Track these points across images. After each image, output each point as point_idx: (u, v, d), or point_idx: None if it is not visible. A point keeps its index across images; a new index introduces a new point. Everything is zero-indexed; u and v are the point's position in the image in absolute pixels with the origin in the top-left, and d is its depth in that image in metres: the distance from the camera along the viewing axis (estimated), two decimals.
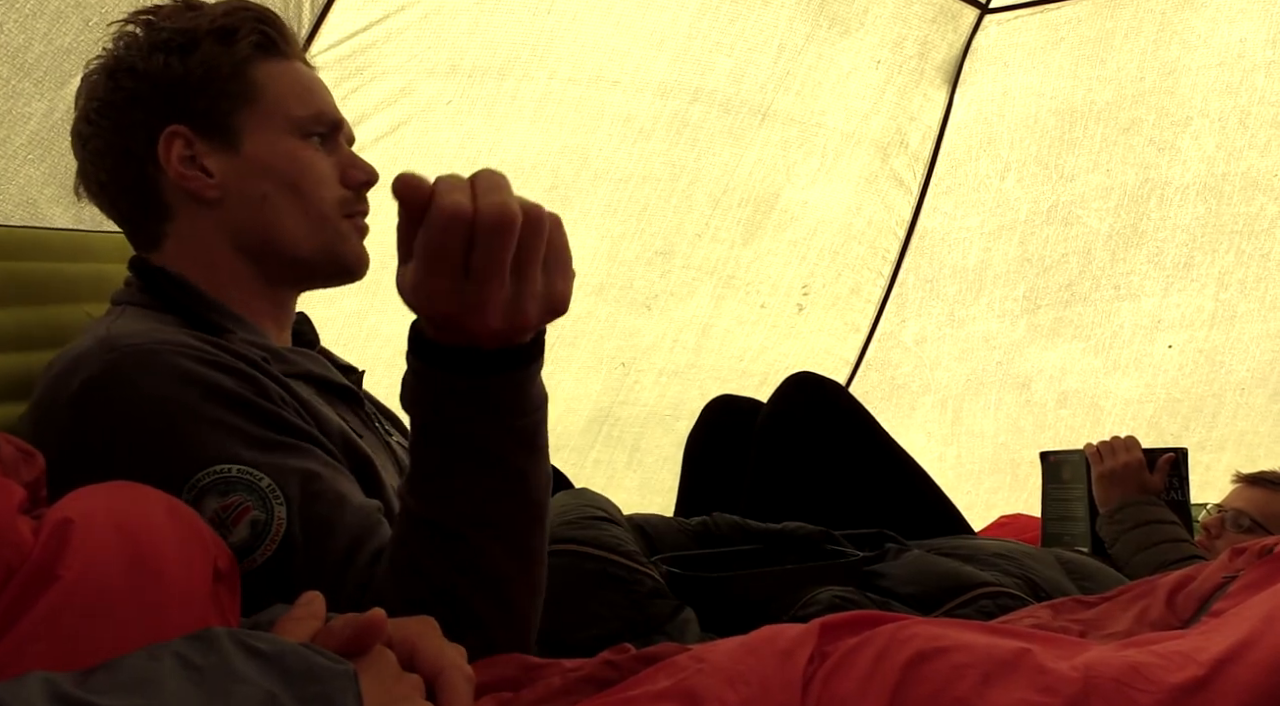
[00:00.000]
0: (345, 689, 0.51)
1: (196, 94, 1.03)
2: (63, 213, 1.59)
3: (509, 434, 0.82)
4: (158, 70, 1.03)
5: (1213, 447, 2.82)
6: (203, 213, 1.05)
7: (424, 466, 0.84)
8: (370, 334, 2.26)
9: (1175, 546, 1.72)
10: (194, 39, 1.04)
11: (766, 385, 2.76)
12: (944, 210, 2.99)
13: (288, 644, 0.52)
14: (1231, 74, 2.63)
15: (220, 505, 0.85)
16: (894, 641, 0.62)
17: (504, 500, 0.83)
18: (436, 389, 0.81)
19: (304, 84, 1.09)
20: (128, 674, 0.46)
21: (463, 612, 0.82)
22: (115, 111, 1.04)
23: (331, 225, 1.07)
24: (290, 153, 1.06)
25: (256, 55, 1.06)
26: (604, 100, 2.43)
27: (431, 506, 0.83)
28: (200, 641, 0.50)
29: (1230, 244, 2.73)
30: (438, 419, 0.82)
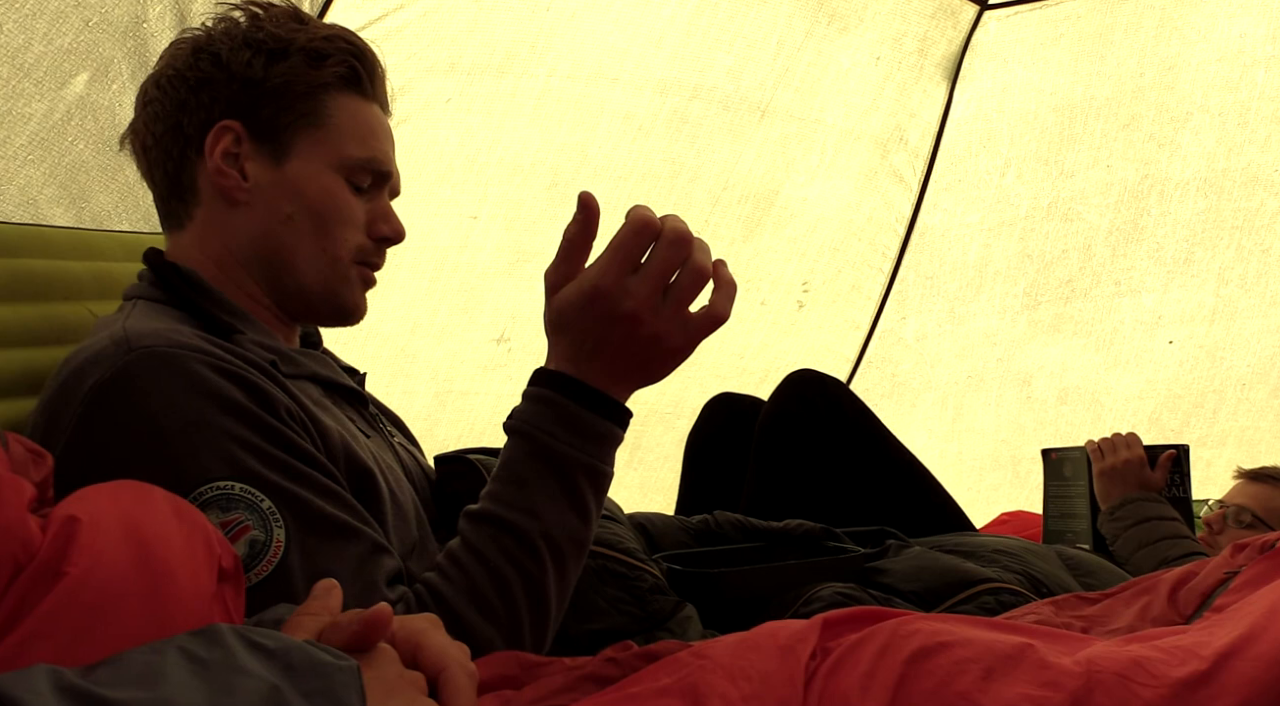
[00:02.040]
0: (348, 684, 0.51)
1: (265, 100, 1.04)
2: (63, 213, 1.59)
3: (592, 472, 0.95)
4: (239, 65, 1.04)
5: (1213, 443, 2.82)
6: (226, 211, 1.06)
7: (511, 476, 0.95)
8: (370, 333, 2.26)
9: (1176, 543, 1.72)
10: (285, 49, 1.05)
11: (767, 382, 2.76)
12: (944, 206, 2.99)
13: (291, 640, 0.52)
14: (1231, 69, 2.63)
15: (221, 521, 0.85)
16: (896, 637, 0.62)
17: (569, 528, 0.95)
18: (552, 410, 0.94)
19: (370, 127, 1.10)
20: (132, 667, 0.46)
21: (509, 610, 0.92)
22: (185, 86, 1.05)
23: (341, 266, 1.08)
24: (328, 187, 1.06)
25: (337, 85, 1.07)
26: (603, 97, 2.43)
27: (513, 512, 0.93)
28: (204, 636, 0.50)
29: (1230, 239, 2.73)
30: (540, 440, 0.94)
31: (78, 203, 1.61)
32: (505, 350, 2.56)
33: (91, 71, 1.56)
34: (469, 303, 2.47)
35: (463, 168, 2.32)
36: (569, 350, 0.95)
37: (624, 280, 0.91)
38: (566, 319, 0.94)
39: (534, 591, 0.93)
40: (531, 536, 0.92)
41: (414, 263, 2.33)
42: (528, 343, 2.59)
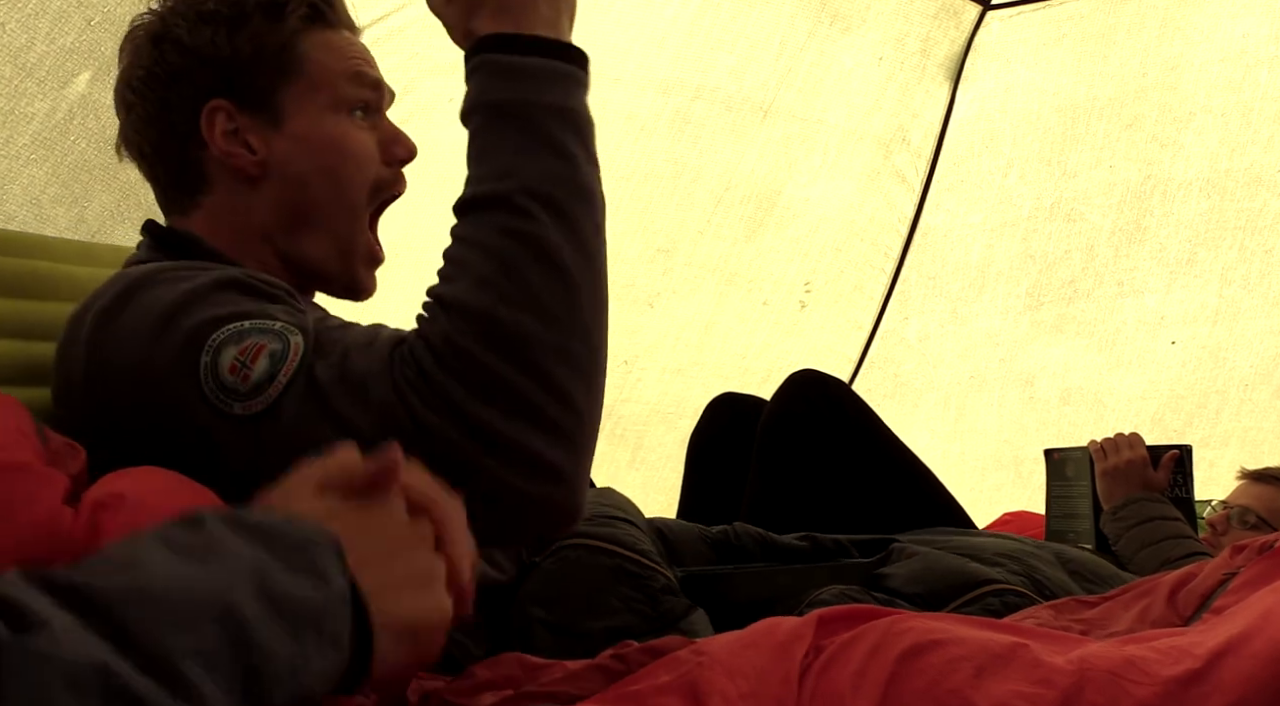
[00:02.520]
0: (329, 559, 0.51)
1: (241, 71, 1.02)
2: (65, 212, 1.59)
3: (555, 110, 0.85)
4: (204, 45, 1.01)
5: (1216, 444, 2.81)
6: (241, 190, 1.04)
7: (478, 152, 0.87)
8: None
9: (1178, 543, 1.72)
10: (242, 12, 1.02)
11: (769, 382, 2.76)
12: (946, 207, 2.99)
13: (274, 517, 0.52)
14: (1234, 69, 2.62)
15: (238, 350, 0.83)
16: (889, 634, 0.62)
17: (553, 175, 0.84)
18: (488, 71, 0.87)
19: (346, 51, 1.07)
20: (110, 556, 0.47)
21: (517, 279, 0.80)
22: (160, 84, 1.03)
23: (361, 237, 1.07)
24: (331, 133, 1.04)
25: (304, 28, 1.04)
26: (605, 98, 2.43)
27: (483, 183, 0.85)
28: (186, 523, 0.50)
29: (1233, 239, 2.73)
30: (488, 100, 0.86)
31: (80, 202, 1.61)
32: None
33: (94, 71, 1.57)
34: None
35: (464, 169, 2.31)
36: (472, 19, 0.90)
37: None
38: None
39: (538, 251, 0.81)
40: (511, 197, 0.83)
41: (416, 263, 2.32)
42: None
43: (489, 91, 0.87)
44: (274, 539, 0.50)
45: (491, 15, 0.88)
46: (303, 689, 0.48)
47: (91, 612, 0.42)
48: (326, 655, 0.49)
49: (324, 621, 0.49)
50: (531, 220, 0.82)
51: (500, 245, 0.81)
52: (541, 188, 0.83)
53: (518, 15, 0.88)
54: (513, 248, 0.81)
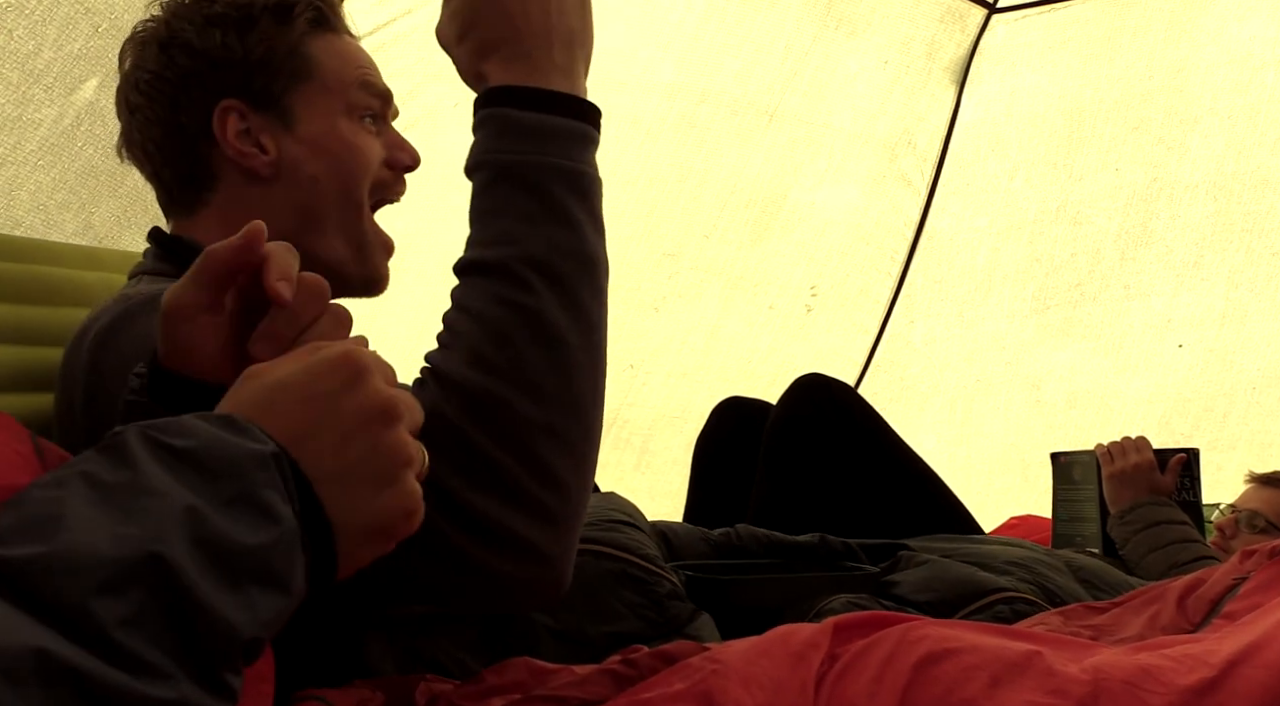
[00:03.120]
0: (268, 481, 0.47)
1: (253, 73, 1.02)
2: (72, 218, 1.59)
3: (562, 173, 0.82)
4: (215, 48, 1.01)
5: (1224, 447, 2.81)
6: (250, 189, 1.03)
7: (480, 213, 0.83)
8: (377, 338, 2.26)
9: (1186, 547, 1.71)
10: (250, 15, 1.02)
11: (775, 386, 2.75)
12: (952, 210, 2.98)
13: (203, 432, 0.47)
14: (1241, 72, 2.62)
15: None
16: (903, 642, 0.62)
17: (556, 243, 0.80)
18: (497, 127, 0.83)
19: (355, 59, 1.08)
20: (31, 510, 0.43)
21: (510, 355, 0.77)
22: (169, 86, 1.02)
23: (367, 226, 1.07)
24: (343, 136, 1.04)
25: (311, 31, 1.05)
26: (611, 102, 2.41)
27: (484, 248, 0.81)
28: (111, 452, 0.46)
29: (1240, 242, 2.72)
30: (495, 159, 0.83)
31: (87, 208, 1.61)
32: None
33: (101, 77, 1.57)
34: None
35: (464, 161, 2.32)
36: (483, 61, 0.86)
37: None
38: (459, 22, 0.87)
39: (536, 327, 0.78)
40: (510, 265, 0.79)
41: (422, 268, 2.33)
42: None
43: (496, 149, 0.84)
44: (206, 466, 0.46)
45: (504, 61, 0.85)
46: (252, 635, 0.44)
47: (18, 592, 0.39)
48: (274, 601, 0.45)
49: (269, 566, 0.45)
50: (531, 293, 0.78)
51: (497, 317, 0.78)
52: (544, 258, 0.79)
53: (531, 62, 0.85)
54: (510, 321, 0.78)
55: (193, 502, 0.44)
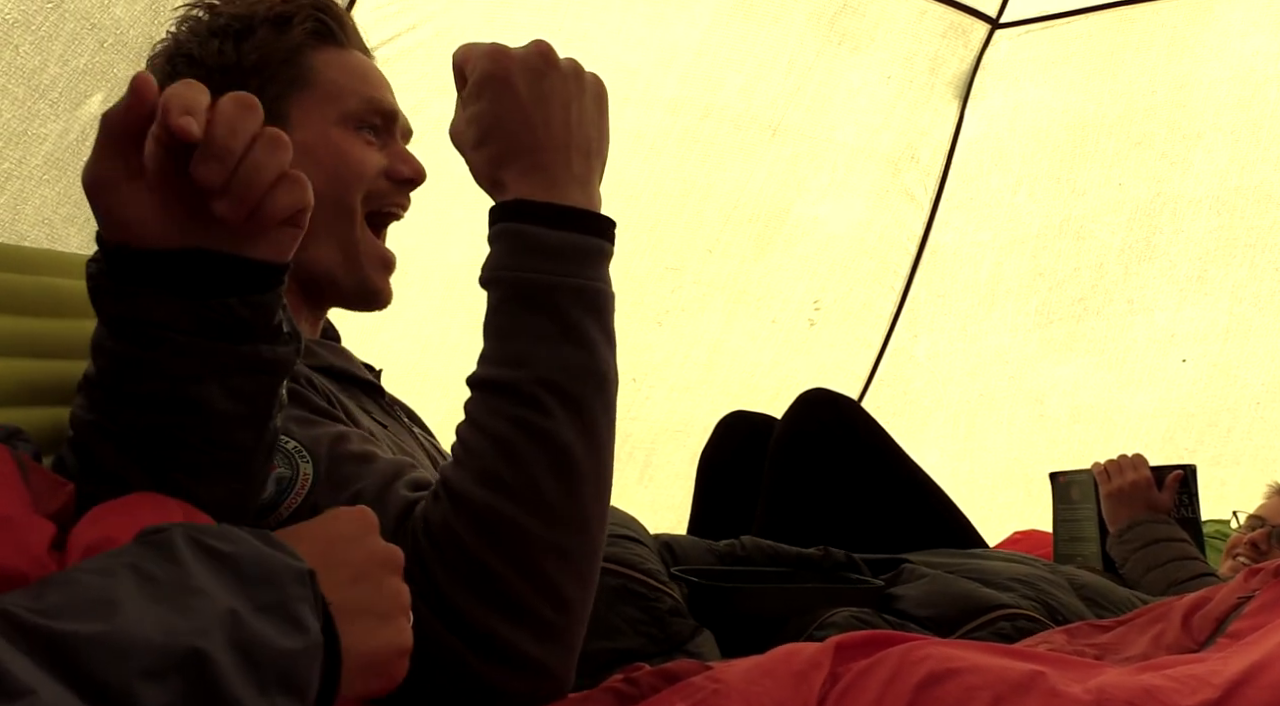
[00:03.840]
0: (302, 596, 0.50)
1: (247, 78, 1.02)
2: (77, 233, 1.60)
3: (578, 293, 0.82)
4: (212, 56, 1.03)
5: (1228, 462, 2.80)
6: None
7: (496, 330, 0.84)
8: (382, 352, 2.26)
9: (1184, 564, 1.70)
10: (250, 25, 1.04)
11: (777, 400, 2.75)
12: (955, 225, 2.98)
13: (244, 541, 0.51)
14: (1244, 87, 2.62)
15: None
16: (905, 662, 0.62)
17: (570, 364, 0.81)
18: (513, 243, 0.83)
19: (359, 73, 1.08)
20: (84, 592, 0.45)
21: (522, 477, 0.78)
22: None
23: (360, 235, 1.06)
24: (337, 145, 1.04)
25: (312, 42, 1.05)
26: (614, 117, 2.42)
27: (500, 367, 0.82)
28: (154, 546, 0.49)
29: (1244, 257, 2.72)
30: (511, 277, 0.83)
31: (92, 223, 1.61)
32: None
33: (106, 92, 1.57)
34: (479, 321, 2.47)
35: (475, 187, 2.31)
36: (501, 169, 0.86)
37: (503, 59, 0.86)
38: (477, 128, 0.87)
39: (549, 448, 0.79)
40: (525, 387, 0.80)
41: (425, 282, 2.33)
42: None
43: (514, 267, 0.83)
44: (246, 572, 0.49)
45: (522, 172, 0.85)
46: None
47: (66, 665, 0.41)
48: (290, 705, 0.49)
49: (293, 673, 0.48)
50: (545, 415, 0.79)
51: (510, 436, 0.79)
52: (559, 380, 0.80)
53: (549, 175, 0.85)
54: (523, 442, 0.78)
55: (233, 604, 0.47)
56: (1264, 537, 1.93)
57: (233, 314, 0.66)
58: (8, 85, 1.48)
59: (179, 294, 0.65)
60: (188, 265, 0.65)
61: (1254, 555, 1.92)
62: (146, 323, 0.66)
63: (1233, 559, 1.96)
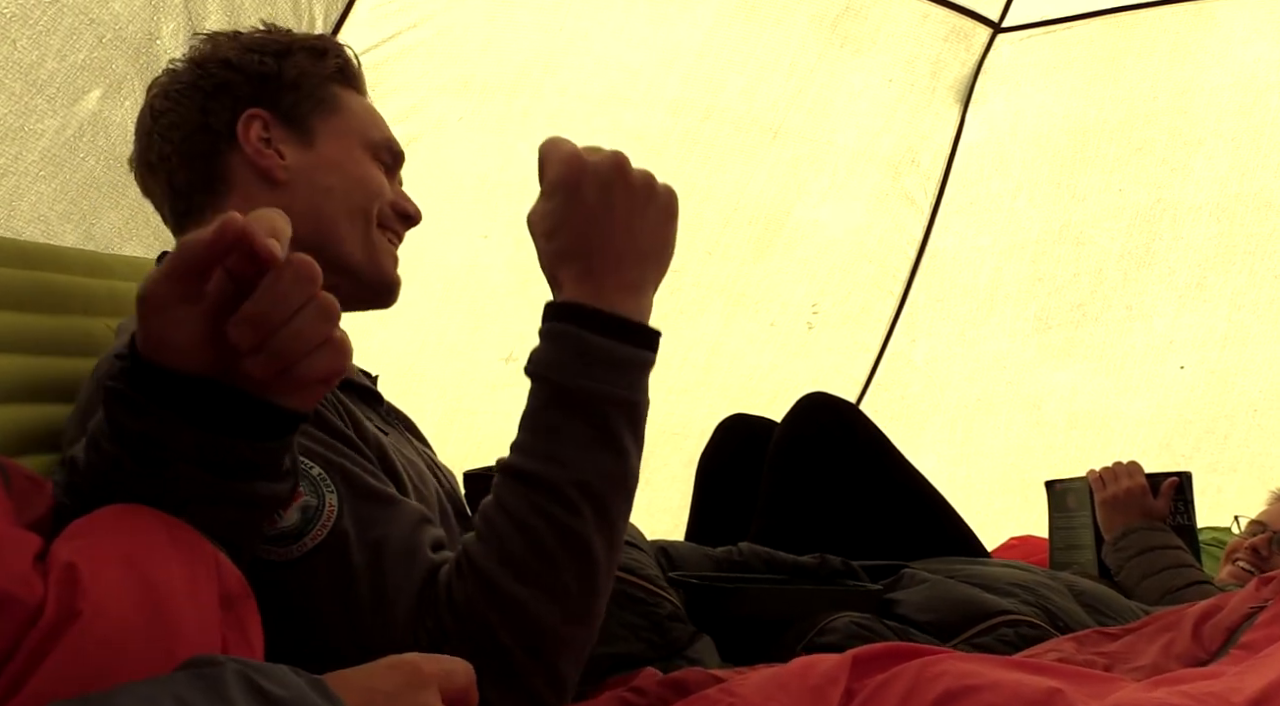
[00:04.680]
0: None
1: (286, 90, 1.09)
2: (73, 229, 1.58)
3: (619, 405, 0.86)
4: (252, 64, 1.08)
5: (1225, 469, 2.80)
6: (262, 192, 1.07)
7: (537, 425, 0.86)
8: (379, 352, 2.25)
9: (1180, 572, 1.69)
10: (289, 47, 1.11)
11: (776, 404, 2.73)
12: (955, 229, 2.98)
13: (296, 687, 0.50)
14: (1245, 94, 2.62)
15: None
16: (922, 678, 0.61)
17: (604, 471, 0.85)
18: (562, 345, 0.86)
19: (375, 117, 1.16)
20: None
21: (549, 572, 0.82)
22: (200, 93, 1.08)
23: (375, 232, 1.12)
24: (361, 161, 1.11)
25: (338, 77, 1.13)
26: (615, 118, 2.43)
27: (538, 462, 0.84)
28: (205, 683, 0.47)
29: (1243, 264, 2.72)
30: (556, 377, 0.86)
31: (88, 219, 1.60)
32: (514, 369, 2.54)
33: (104, 88, 1.56)
34: (478, 322, 2.46)
35: (474, 187, 2.31)
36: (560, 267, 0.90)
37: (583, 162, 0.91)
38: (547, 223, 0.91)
39: (574, 543, 0.83)
40: (562, 487, 0.83)
41: (424, 282, 2.32)
42: None
43: (558, 367, 0.86)
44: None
45: (578, 275, 0.89)
46: None
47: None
48: None
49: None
50: (576, 516, 0.83)
51: (540, 530, 0.82)
52: (592, 484, 0.84)
53: (601, 280, 0.88)
54: (552, 538, 0.82)
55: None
56: (1265, 543, 1.93)
57: (242, 456, 0.66)
58: (4, 80, 1.47)
59: (195, 423, 0.65)
60: (212, 397, 0.65)
61: (1254, 560, 1.91)
62: (156, 443, 0.65)
63: (1232, 563, 1.95)
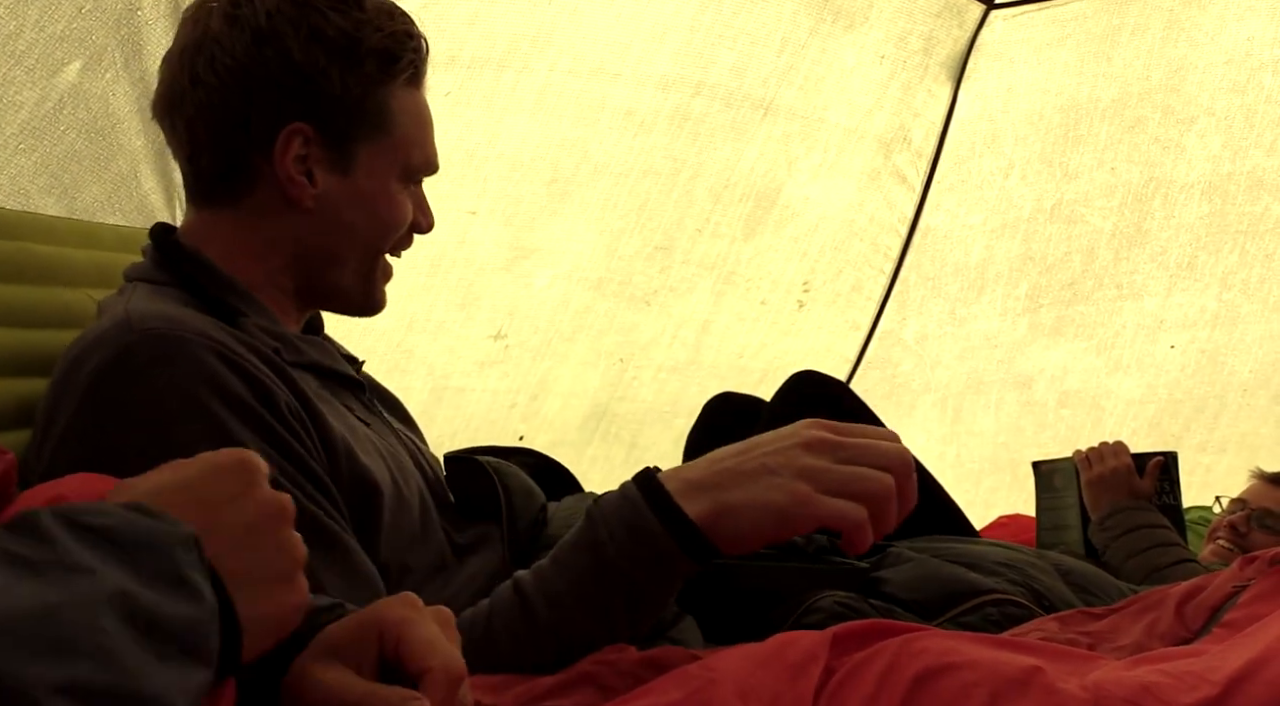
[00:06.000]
0: (190, 563, 0.47)
1: (340, 111, 1.01)
2: (54, 203, 1.56)
3: (633, 597, 0.87)
4: (313, 69, 0.99)
5: (1214, 449, 2.80)
6: (282, 210, 1.03)
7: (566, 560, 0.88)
8: (366, 328, 2.23)
9: (1165, 550, 1.70)
10: (358, 52, 1.01)
11: (766, 382, 2.73)
12: (947, 207, 2.97)
13: (118, 513, 0.47)
14: (1238, 72, 2.61)
15: None
16: (901, 656, 0.60)
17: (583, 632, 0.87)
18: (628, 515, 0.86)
19: (426, 124, 1.10)
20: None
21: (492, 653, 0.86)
22: (250, 81, 0.99)
23: (380, 263, 1.11)
24: (393, 198, 1.07)
25: (403, 84, 1.06)
26: (605, 93, 2.41)
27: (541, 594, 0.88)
28: (22, 530, 0.45)
29: (1234, 244, 2.71)
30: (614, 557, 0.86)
31: (70, 193, 1.58)
32: (502, 347, 2.54)
33: (84, 60, 1.54)
34: (466, 299, 2.45)
35: (462, 162, 2.29)
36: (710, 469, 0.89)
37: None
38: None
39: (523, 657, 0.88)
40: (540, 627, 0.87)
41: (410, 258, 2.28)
42: (524, 339, 2.57)
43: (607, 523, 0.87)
44: (126, 543, 0.46)
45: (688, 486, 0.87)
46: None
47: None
48: (194, 673, 0.46)
49: (194, 640, 0.46)
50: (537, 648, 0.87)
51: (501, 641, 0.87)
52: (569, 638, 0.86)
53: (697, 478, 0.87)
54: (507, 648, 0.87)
55: (119, 575, 0.44)
56: (1243, 520, 1.94)
57: None
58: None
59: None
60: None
61: (1233, 538, 1.93)
62: None
63: (1214, 543, 1.97)
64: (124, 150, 1.62)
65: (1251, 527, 1.92)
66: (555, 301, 2.59)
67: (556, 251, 2.54)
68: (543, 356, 2.61)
